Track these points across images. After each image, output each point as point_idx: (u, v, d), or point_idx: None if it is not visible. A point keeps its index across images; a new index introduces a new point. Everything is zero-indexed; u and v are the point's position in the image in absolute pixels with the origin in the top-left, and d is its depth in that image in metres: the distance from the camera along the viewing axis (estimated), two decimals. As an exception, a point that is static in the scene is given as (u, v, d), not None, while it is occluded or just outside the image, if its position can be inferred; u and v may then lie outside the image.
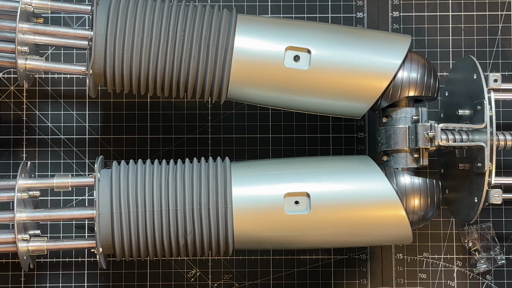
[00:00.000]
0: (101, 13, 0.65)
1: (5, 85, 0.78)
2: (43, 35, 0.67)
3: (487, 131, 0.65)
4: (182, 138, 0.78)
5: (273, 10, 0.79)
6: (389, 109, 0.68)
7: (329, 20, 0.79)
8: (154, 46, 0.65)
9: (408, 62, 0.67)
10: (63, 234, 0.78)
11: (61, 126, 0.78)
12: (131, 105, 0.78)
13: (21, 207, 0.65)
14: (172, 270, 0.78)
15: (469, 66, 0.68)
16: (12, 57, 0.66)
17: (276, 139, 0.78)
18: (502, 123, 0.78)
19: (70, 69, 0.67)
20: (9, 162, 0.78)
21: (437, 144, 0.66)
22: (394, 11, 0.79)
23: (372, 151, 0.78)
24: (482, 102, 0.66)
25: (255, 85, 0.66)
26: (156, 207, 0.64)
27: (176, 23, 0.65)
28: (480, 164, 0.66)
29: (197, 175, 0.65)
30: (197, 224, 0.64)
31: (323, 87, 0.66)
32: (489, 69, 0.79)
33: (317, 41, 0.66)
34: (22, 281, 0.77)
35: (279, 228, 0.64)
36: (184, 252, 0.66)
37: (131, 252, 0.65)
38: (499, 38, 0.79)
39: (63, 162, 0.78)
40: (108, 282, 0.78)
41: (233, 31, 0.65)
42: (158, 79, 0.66)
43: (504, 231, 0.78)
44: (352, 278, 0.78)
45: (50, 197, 0.77)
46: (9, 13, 0.66)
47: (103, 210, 0.64)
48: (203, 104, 0.78)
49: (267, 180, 0.65)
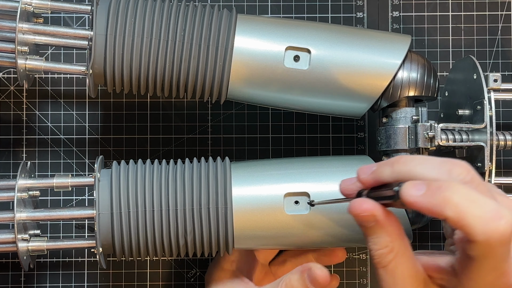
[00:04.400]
0: (101, 13, 0.65)
1: (5, 85, 0.78)
2: (43, 35, 0.67)
3: (487, 131, 0.65)
4: (182, 138, 0.78)
5: (273, 10, 0.79)
6: (389, 109, 0.68)
7: (329, 20, 0.79)
8: (154, 46, 0.65)
9: (408, 62, 0.67)
10: (63, 234, 0.78)
11: (61, 126, 0.78)
12: (131, 105, 0.78)
13: (21, 207, 0.65)
14: (172, 270, 0.78)
15: (469, 66, 0.69)
16: (12, 57, 0.66)
17: (276, 139, 0.78)
18: (502, 123, 0.78)
19: (70, 69, 0.67)
20: (9, 162, 0.78)
21: (437, 144, 0.66)
22: (394, 11, 0.79)
23: (372, 151, 0.78)
24: (482, 102, 0.66)
25: (255, 85, 0.66)
26: (156, 207, 0.64)
27: (176, 23, 0.65)
28: (480, 164, 0.66)
29: (197, 175, 0.65)
30: (197, 224, 0.64)
31: (323, 87, 0.66)
32: (489, 69, 0.79)
33: (317, 41, 0.66)
34: (22, 281, 0.77)
35: (279, 228, 0.64)
36: (184, 252, 0.66)
37: (131, 252, 0.65)
38: (499, 38, 0.79)
39: (63, 162, 0.78)
40: (108, 282, 0.78)
41: (233, 31, 0.65)
42: (158, 79, 0.66)
43: (504, 231, 0.78)
44: (352, 278, 0.78)
45: (50, 197, 0.77)
46: (9, 13, 0.66)
47: (103, 210, 0.64)
48: (203, 104, 0.78)
49: (267, 180, 0.65)
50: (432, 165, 0.51)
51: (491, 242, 0.48)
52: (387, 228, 0.52)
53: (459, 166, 0.51)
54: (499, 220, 0.48)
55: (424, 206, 0.49)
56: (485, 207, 0.48)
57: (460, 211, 0.48)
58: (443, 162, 0.51)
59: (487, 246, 0.49)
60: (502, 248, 0.49)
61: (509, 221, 0.48)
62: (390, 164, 0.53)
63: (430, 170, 0.51)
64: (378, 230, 0.53)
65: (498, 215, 0.48)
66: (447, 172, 0.50)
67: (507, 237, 0.48)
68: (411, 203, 0.50)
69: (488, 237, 0.48)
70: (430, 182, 0.50)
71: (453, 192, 0.49)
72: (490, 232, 0.48)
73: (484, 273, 0.51)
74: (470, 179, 0.50)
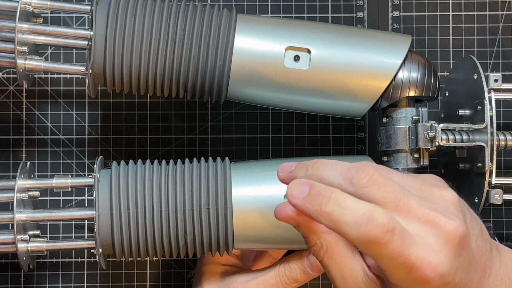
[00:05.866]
0: (100, 13, 0.65)
1: (4, 85, 0.78)
2: (43, 35, 0.66)
3: (487, 131, 0.65)
4: (182, 138, 0.78)
5: (273, 10, 0.79)
6: (389, 109, 0.68)
7: (329, 20, 0.79)
8: (154, 46, 0.65)
9: (409, 62, 0.67)
10: (62, 234, 0.77)
11: (60, 126, 0.78)
12: (131, 105, 0.78)
13: (21, 208, 0.65)
14: (172, 270, 0.78)
15: (469, 66, 0.68)
16: (11, 57, 0.65)
17: (276, 139, 0.78)
18: (503, 123, 0.78)
19: (70, 69, 0.67)
20: (8, 162, 0.78)
21: (438, 144, 0.66)
22: (394, 11, 0.79)
23: (372, 151, 0.78)
24: (483, 102, 0.66)
25: (255, 85, 0.66)
26: (156, 208, 0.64)
27: (176, 23, 0.65)
28: (481, 164, 0.66)
29: (197, 175, 0.65)
30: (197, 224, 0.64)
31: (323, 87, 0.66)
32: (490, 69, 0.79)
33: (317, 41, 0.65)
34: (21, 281, 0.77)
35: (279, 228, 0.64)
36: (184, 253, 0.65)
37: (131, 252, 0.65)
38: (499, 38, 0.79)
39: (63, 162, 0.78)
40: (107, 282, 0.78)
41: (233, 31, 0.65)
42: (158, 79, 0.66)
43: (504, 231, 0.78)
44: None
45: (49, 197, 0.77)
46: (8, 13, 0.66)
47: (103, 210, 0.64)
48: (203, 104, 0.78)
49: (267, 180, 0.65)
50: (339, 171, 0.51)
51: (369, 246, 0.48)
52: (311, 227, 0.53)
53: (361, 171, 0.50)
54: (371, 223, 0.47)
55: (304, 210, 0.50)
56: (356, 212, 0.48)
57: (333, 220, 0.49)
58: (350, 168, 0.51)
59: (368, 250, 0.49)
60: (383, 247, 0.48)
61: (380, 222, 0.47)
62: (306, 167, 0.53)
63: (336, 176, 0.51)
64: (304, 230, 0.54)
65: (369, 219, 0.48)
66: (349, 179, 0.51)
67: (382, 237, 0.48)
68: (293, 205, 0.51)
69: (363, 241, 0.48)
70: (313, 185, 0.50)
71: (328, 199, 0.49)
72: (362, 236, 0.48)
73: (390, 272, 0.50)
74: (372, 183, 0.50)
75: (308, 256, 0.65)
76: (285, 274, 0.66)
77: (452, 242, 0.50)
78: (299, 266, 0.65)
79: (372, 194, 0.50)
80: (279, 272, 0.66)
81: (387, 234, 0.48)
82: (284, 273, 0.66)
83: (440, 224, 0.50)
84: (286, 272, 0.66)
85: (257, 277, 0.67)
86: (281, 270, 0.66)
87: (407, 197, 0.50)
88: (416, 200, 0.51)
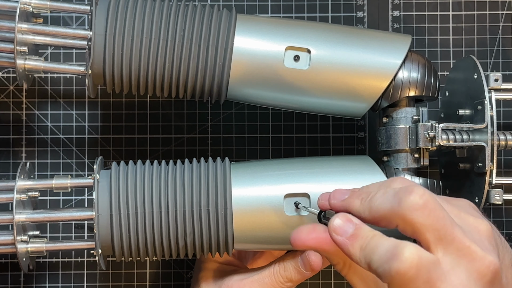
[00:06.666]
0: (100, 13, 0.65)
1: (4, 84, 0.78)
2: (42, 35, 0.66)
3: (487, 131, 0.65)
4: (182, 138, 0.78)
5: (273, 10, 0.79)
6: (389, 109, 0.68)
7: (329, 19, 0.79)
8: (154, 46, 0.65)
9: (409, 61, 0.67)
10: (62, 234, 0.77)
11: (60, 126, 0.78)
12: (130, 105, 0.78)
13: (20, 209, 0.65)
14: (172, 270, 0.78)
15: (469, 65, 0.68)
16: (11, 57, 0.65)
17: (276, 139, 0.78)
18: (503, 123, 0.78)
19: (69, 69, 0.67)
20: (8, 162, 0.78)
21: (438, 144, 0.66)
22: (394, 11, 0.79)
23: (373, 151, 0.78)
24: (483, 101, 0.66)
25: (255, 85, 0.66)
26: (155, 209, 0.64)
27: (175, 23, 0.65)
28: (481, 164, 0.66)
29: (196, 176, 0.65)
30: (196, 225, 0.64)
31: (323, 87, 0.66)
32: (490, 68, 0.79)
33: (317, 41, 0.65)
34: (21, 281, 0.77)
35: (279, 229, 0.64)
36: (183, 253, 0.65)
37: (131, 253, 0.65)
38: (499, 37, 0.79)
39: (63, 162, 0.78)
40: (107, 282, 0.78)
41: (233, 31, 0.65)
42: (158, 79, 0.66)
43: (504, 231, 0.78)
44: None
45: (49, 197, 0.77)
46: (8, 13, 0.66)
47: (103, 211, 0.64)
48: (203, 104, 0.78)
49: (267, 180, 0.65)
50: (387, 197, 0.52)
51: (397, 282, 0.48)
52: (334, 251, 0.55)
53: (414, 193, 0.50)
54: (395, 260, 0.48)
55: (342, 248, 0.53)
56: (380, 249, 0.49)
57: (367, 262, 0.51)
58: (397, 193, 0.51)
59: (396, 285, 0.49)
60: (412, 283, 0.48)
61: (404, 258, 0.48)
62: (360, 198, 0.54)
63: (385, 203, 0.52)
64: (328, 254, 0.56)
65: (393, 256, 0.48)
66: (398, 202, 0.51)
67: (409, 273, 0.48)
68: (334, 241, 0.53)
69: (391, 278, 0.48)
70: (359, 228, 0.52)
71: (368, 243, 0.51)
72: (390, 273, 0.48)
73: None
74: (423, 204, 0.50)
75: (301, 255, 0.65)
76: (280, 273, 0.66)
77: (483, 279, 0.49)
78: (294, 266, 0.66)
79: (421, 219, 0.50)
80: (273, 271, 0.66)
81: (411, 270, 0.48)
82: (279, 272, 0.66)
83: (476, 260, 0.49)
84: (281, 271, 0.66)
85: (252, 275, 0.67)
86: (276, 269, 0.66)
87: (453, 226, 0.50)
88: (460, 231, 0.50)
